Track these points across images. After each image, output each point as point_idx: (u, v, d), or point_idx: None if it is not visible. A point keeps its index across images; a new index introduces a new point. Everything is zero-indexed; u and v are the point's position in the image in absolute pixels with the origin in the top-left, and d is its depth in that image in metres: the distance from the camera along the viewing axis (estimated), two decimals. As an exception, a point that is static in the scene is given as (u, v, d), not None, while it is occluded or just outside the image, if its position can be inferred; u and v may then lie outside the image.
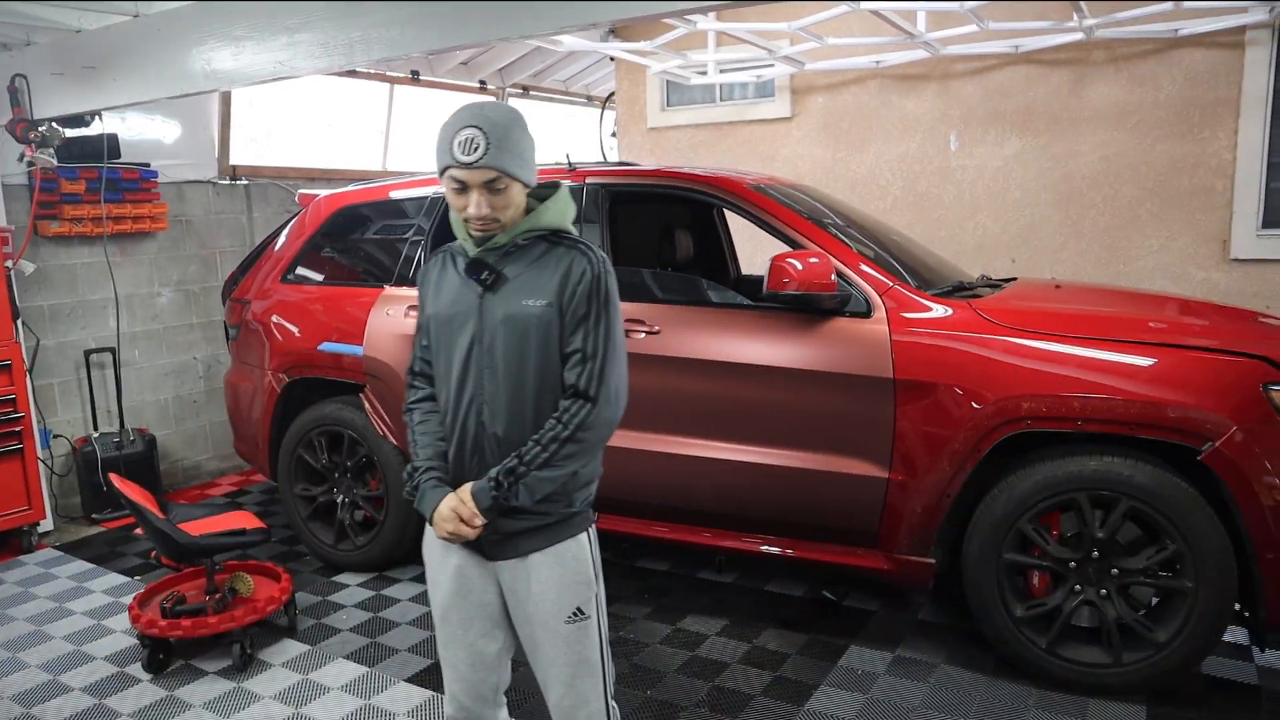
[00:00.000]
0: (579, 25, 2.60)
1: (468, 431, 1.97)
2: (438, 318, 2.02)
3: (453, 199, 1.93)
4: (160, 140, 5.75)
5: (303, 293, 4.40)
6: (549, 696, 2.07)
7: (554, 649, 2.00)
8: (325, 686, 3.30)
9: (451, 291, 2.01)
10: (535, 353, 1.93)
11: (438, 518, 1.95)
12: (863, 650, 3.44)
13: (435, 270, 2.08)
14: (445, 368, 2.01)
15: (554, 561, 1.99)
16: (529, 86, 8.28)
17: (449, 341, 2.00)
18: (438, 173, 1.93)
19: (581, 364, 1.92)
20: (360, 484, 4.29)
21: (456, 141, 1.85)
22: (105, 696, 3.28)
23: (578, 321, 1.93)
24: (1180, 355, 2.93)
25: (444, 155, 1.88)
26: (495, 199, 1.89)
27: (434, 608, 2.11)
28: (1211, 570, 2.86)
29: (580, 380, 1.92)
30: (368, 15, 2.85)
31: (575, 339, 1.93)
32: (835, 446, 3.27)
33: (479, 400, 1.96)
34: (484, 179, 1.86)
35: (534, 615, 2.00)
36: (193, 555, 3.51)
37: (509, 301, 1.94)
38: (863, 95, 6.10)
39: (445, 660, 2.13)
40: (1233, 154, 5.08)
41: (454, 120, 1.89)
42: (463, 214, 1.92)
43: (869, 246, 3.65)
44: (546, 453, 1.90)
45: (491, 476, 1.91)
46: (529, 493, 1.90)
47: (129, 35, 3.58)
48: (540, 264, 1.95)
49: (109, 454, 5.19)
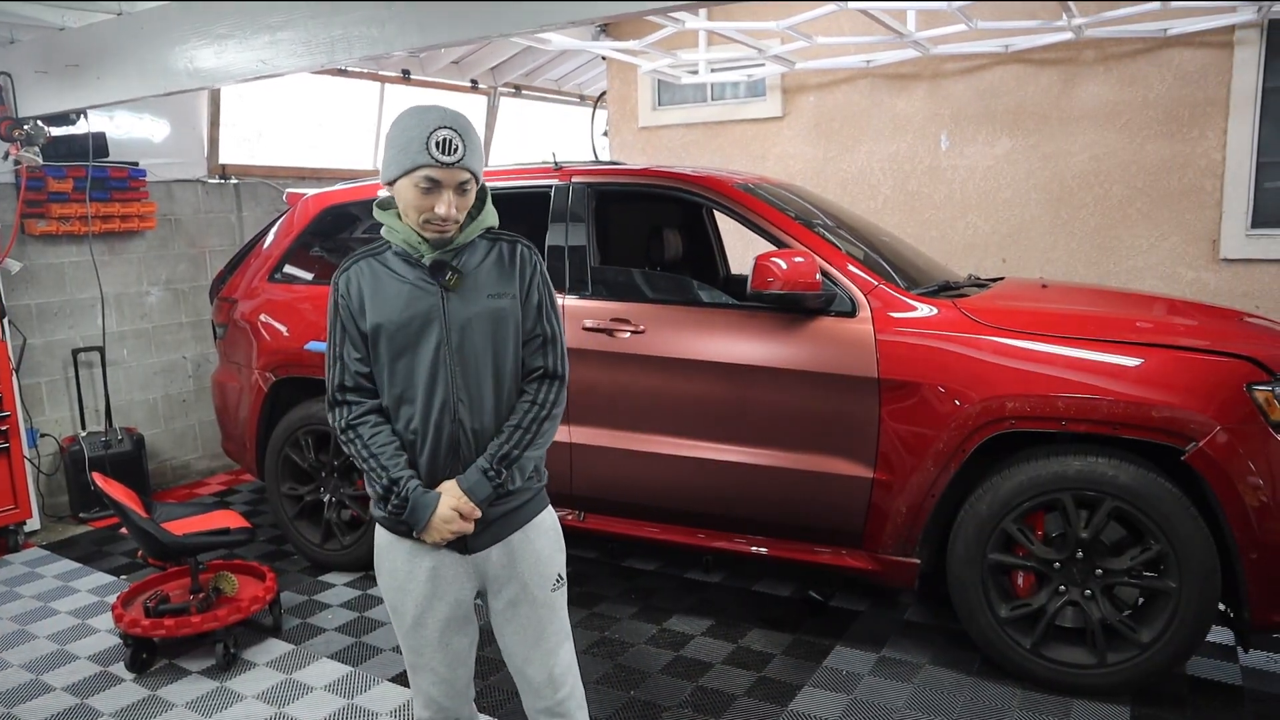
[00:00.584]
0: (560, 24, 2.59)
1: (443, 432, 1.96)
2: (388, 326, 1.94)
3: (416, 199, 1.88)
4: (149, 139, 5.73)
5: (290, 292, 4.39)
6: (529, 671, 2.08)
7: (541, 619, 2.06)
8: (308, 686, 3.29)
9: (399, 297, 1.94)
10: (506, 345, 1.99)
11: (439, 521, 1.93)
12: (848, 651, 3.43)
13: (364, 280, 1.97)
14: (407, 374, 1.96)
15: (537, 535, 2.07)
16: (521, 86, 8.27)
17: (408, 347, 1.95)
18: (396, 174, 1.88)
19: (546, 347, 2.04)
20: (347, 483, 4.27)
21: (434, 141, 1.84)
22: (87, 696, 3.27)
23: (536, 308, 2.03)
24: (1164, 355, 2.93)
25: (416, 155, 1.85)
26: (462, 200, 1.92)
27: (402, 616, 2.05)
28: (1195, 570, 2.86)
29: (549, 362, 2.04)
30: (349, 13, 2.84)
31: (537, 325, 2.03)
32: (820, 446, 3.26)
33: (453, 399, 1.95)
34: (459, 180, 1.89)
35: (520, 592, 2.04)
36: (176, 554, 3.50)
37: (474, 299, 1.96)
38: (853, 95, 6.09)
39: (418, 666, 2.09)
40: (1222, 154, 5.08)
41: (420, 121, 1.86)
42: (426, 214, 1.89)
43: (856, 246, 3.64)
44: (530, 434, 1.99)
45: (484, 467, 1.94)
46: (520, 475, 2.00)
47: (112, 33, 3.57)
48: (492, 260, 2.01)
49: (96, 453, 5.17)
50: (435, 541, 1.96)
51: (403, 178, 1.89)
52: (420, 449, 1.98)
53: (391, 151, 1.89)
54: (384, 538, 2.06)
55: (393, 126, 1.91)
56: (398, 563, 2.04)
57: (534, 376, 2.03)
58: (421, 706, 2.14)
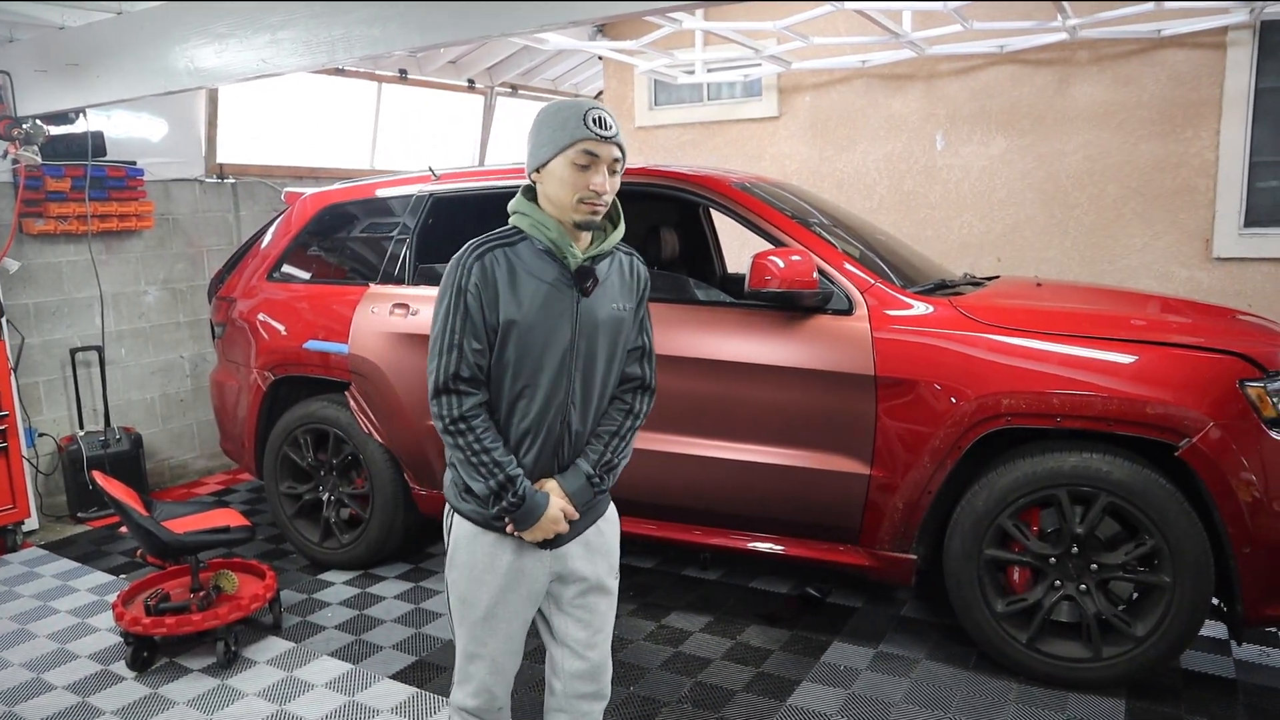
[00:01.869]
0: (559, 24, 2.61)
1: (553, 432, 2.00)
2: (523, 324, 1.93)
3: (573, 176, 1.90)
4: (147, 138, 5.74)
5: (288, 291, 4.40)
6: (591, 655, 2.13)
7: (606, 607, 2.17)
8: (309, 683, 3.31)
9: (536, 296, 1.94)
10: (618, 353, 2.07)
11: (547, 521, 1.97)
12: (845, 646, 3.46)
13: (499, 273, 1.93)
14: (532, 372, 1.96)
15: (608, 527, 2.18)
16: (517, 85, 8.28)
17: (536, 345, 1.95)
18: (552, 153, 1.91)
19: (644, 359, 2.15)
20: (346, 482, 4.29)
21: (591, 118, 1.90)
22: (89, 694, 3.28)
23: (640, 322, 2.13)
24: (1157, 352, 2.95)
25: (575, 130, 1.89)
26: (612, 180, 1.95)
27: (473, 606, 2.06)
28: (1189, 565, 2.88)
29: (646, 373, 2.15)
30: (350, 13, 2.86)
31: (639, 336, 2.13)
32: (817, 443, 3.29)
33: (568, 401, 2.00)
34: (613, 155, 1.94)
35: (594, 583, 2.12)
36: (177, 553, 3.51)
37: (602, 307, 2.01)
38: (849, 95, 6.12)
39: (481, 655, 2.09)
40: (1215, 154, 5.12)
41: (574, 105, 1.93)
42: (582, 191, 1.91)
43: (853, 245, 3.66)
44: (625, 443, 2.10)
45: (589, 473, 2.03)
46: (614, 479, 2.11)
47: (112, 32, 3.58)
48: (616, 271, 2.07)
49: (95, 453, 5.17)
50: (535, 539, 2.00)
51: (558, 156, 1.91)
52: (528, 447, 2.00)
53: (546, 132, 1.93)
54: (466, 530, 2.06)
55: (541, 116, 1.97)
56: (478, 555, 2.04)
57: (631, 386, 2.12)
58: (471, 695, 2.12)
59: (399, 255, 4.13)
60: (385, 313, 4.00)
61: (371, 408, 4.04)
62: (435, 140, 8.02)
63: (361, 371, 4.03)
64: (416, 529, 4.30)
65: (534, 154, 1.97)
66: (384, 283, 4.12)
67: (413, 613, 3.85)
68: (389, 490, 4.11)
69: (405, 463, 4.06)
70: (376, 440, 4.06)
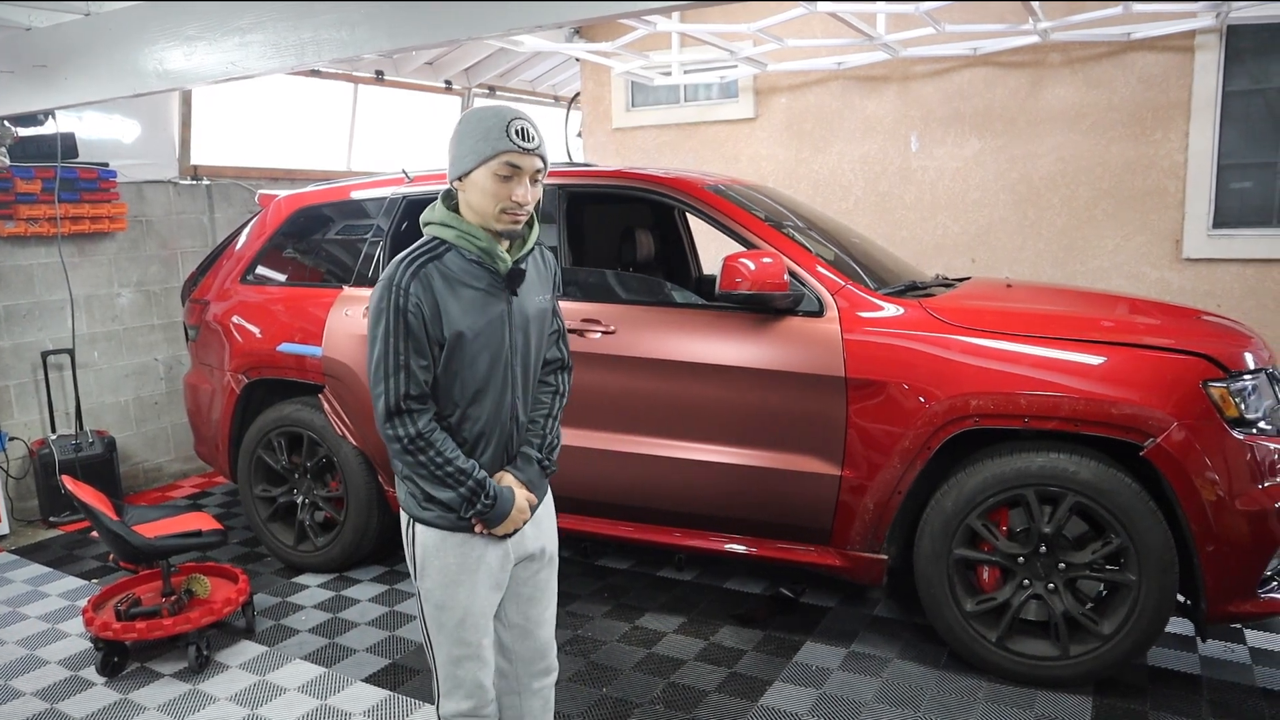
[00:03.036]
0: (530, 27, 2.61)
1: (505, 429, 2.08)
2: (469, 333, 1.96)
3: (495, 186, 1.93)
4: (119, 139, 5.70)
5: (263, 293, 4.38)
6: (540, 633, 2.24)
7: (553, 579, 2.27)
8: (282, 688, 3.29)
9: (474, 304, 1.97)
10: (543, 341, 2.18)
11: (516, 513, 2.05)
12: (818, 646, 3.48)
13: (436, 287, 1.94)
14: (482, 377, 2.00)
15: (550, 503, 2.26)
16: (495, 86, 8.27)
17: (482, 352, 1.99)
18: (475, 163, 1.92)
19: (561, 340, 2.27)
20: (320, 485, 4.28)
21: (514, 129, 1.92)
22: (58, 701, 3.26)
23: (554, 305, 2.22)
24: (1124, 353, 2.99)
25: (497, 141, 1.90)
26: (534, 190, 1.99)
27: (451, 611, 2.06)
28: (1154, 564, 2.92)
29: (564, 354, 2.27)
30: (319, 16, 2.85)
31: (554, 320, 2.23)
32: (788, 444, 3.31)
33: (513, 398, 2.08)
34: (535, 167, 1.97)
35: (541, 557, 2.21)
36: (147, 557, 3.48)
37: (530, 302, 2.09)
38: (825, 96, 6.15)
39: (465, 657, 2.09)
40: (1184, 156, 5.18)
41: (496, 114, 1.94)
42: (504, 202, 1.94)
43: (826, 247, 3.69)
44: (558, 421, 2.21)
45: (538, 458, 2.13)
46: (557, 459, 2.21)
47: (80, 34, 3.55)
48: (533, 265, 2.13)
49: (66, 456, 5.13)
50: (505, 533, 2.07)
51: (481, 167, 1.93)
52: (485, 448, 2.06)
53: (468, 143, 1.94)
54: (432, 537, 2.05)
55: (463, 123, 1.97)
56: (449, 559, 2.05)
57: (554, 367, 2.24)
58: (463, 697, 2.11)
59: (373, 257, 4.12)
60: (359, 315, 3.99)
61: (346, 410, 4.03)
62: (412, 141, 7.99)
63: (335, 374, 4.02)
64: (391, 531, 4.29)
65: (456, 162, 1.97)
66: (358, 285, 4.11)
67: (387, 615, 3.85)
68: (363, 493, 4.10)
69: (379, 465, 4.05)
70: (351, 443, 4.05)
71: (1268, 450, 2.93)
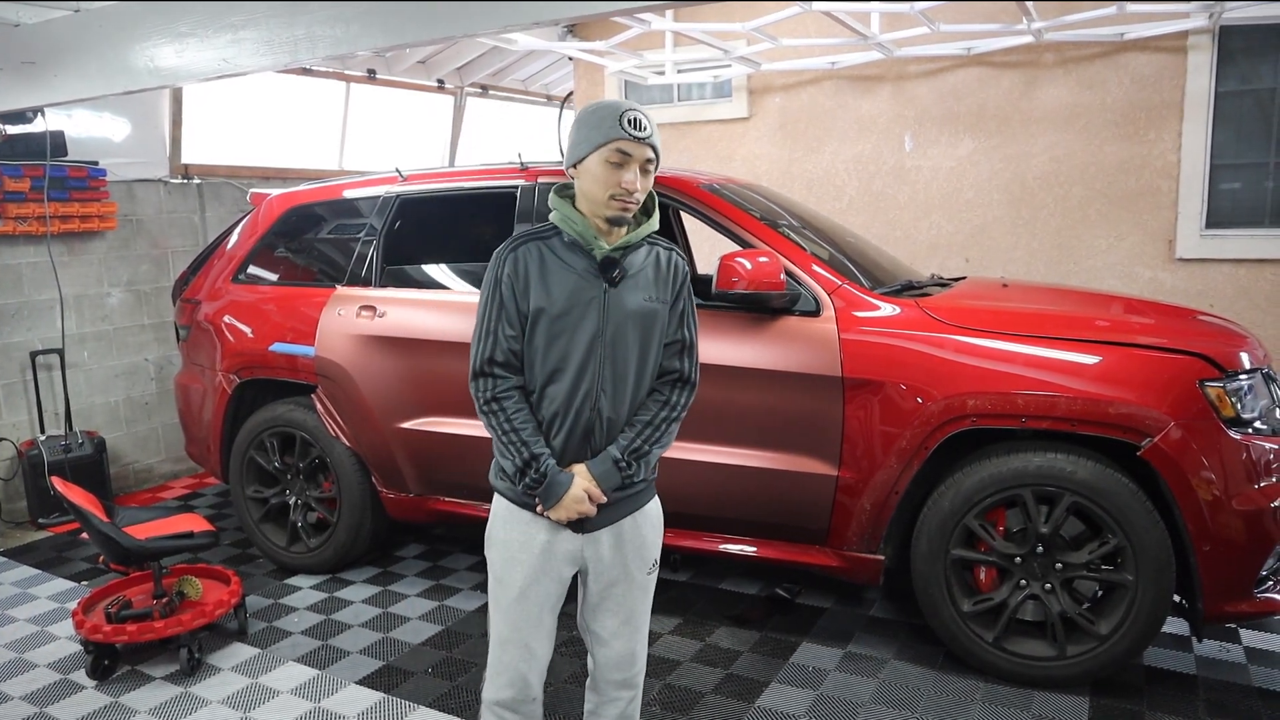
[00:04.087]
0: (524, 24, 2.60)
1: (581, 417, 2.07)
2: (550, 311, 2.04)
3: (606, 173, 1.99)
4: (109, 138, 5.65)
5: (254, 293, 4.35)
6: (615, 645, 2.22)
7: (634, 600, 2.21)
8: (274, 690, 3.27)
9: (565, 285, 2.04)
10: (651, 345, 2.12)
11: (570, 500, 2.04)
12: (814, 647, 3.47)
13: (531, 263, 2.06)
14: (560, 358, 2.05)
15: (643, 521, 2.21)
16: (488, 86, 8.24)
17: (564, 333, 2.04)
18: (588, 150, 2.00)
19: (684, 352, 2.19)
20: (313, 485, 4.25)
21: (626, 119, 1.98)
22: (47, 705, 3.22)
23: (680, 315, 2.17)
24: (1120, 353, 2.99)
25: (609, 129, 1.98)
26: (644, 180, 2.04)
27: (508, 587, 2.14)
28: (1151, 563, 2.92)
29: (685, 366, 2.19)
30: (312, 13, 2.83)
31: (679, 330, 2.17)
32: (785, 445, 3.29)
33: (597, 388, 2.06)
34: (646, 156, 2.02)
35: (620, 574, 2.17)
36: (138, 559, 3.45)
37: (632, 298, 2.08)
38: (819, 96, 6.15)
39: (512, 642, 2.15)
40: (1177, 156, 5.19)
41: (612, 105, 2.02)
42: (614, 188, 1.99)
43: (821, 246, 3.68)
44: (659, 432, 2.13)
45: (616, 458, 2.07)
46: (645, 468, 2.14)
47: (70, 30, 3.51)
48: (651, 264, 2.13)
49: (56, 457, 5.09)
50: (560, 519, 2.07)
51: (594, 153, 2.00)
52: (557, 430, 2.08)
53: (583, 131, 2.02)
54: (502, 507, 2.15)
55: (581, 114, 2.06)
56: (513, 534, 2.13)
57: (669, 379, 2.18)
58: (505, 685, 2.17)
59: (366, 257, 4.09)
60: (352, 315, 3.97)
61: (339, 410, 4.00)
62: (405, 140, 7.96)
63: (328, 374, 3.99)
64: (384, 532, 4.27)
65: (572, 150, 2.06)
66: (351, 284, 4.08)
67: (380, 617, 3.82)
68: (356, 494, 4.07)
69: (373, 466, 4.02)
70: (343, 443, 4.03)
71: (1263, 450, 2.94)
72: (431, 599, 3.99)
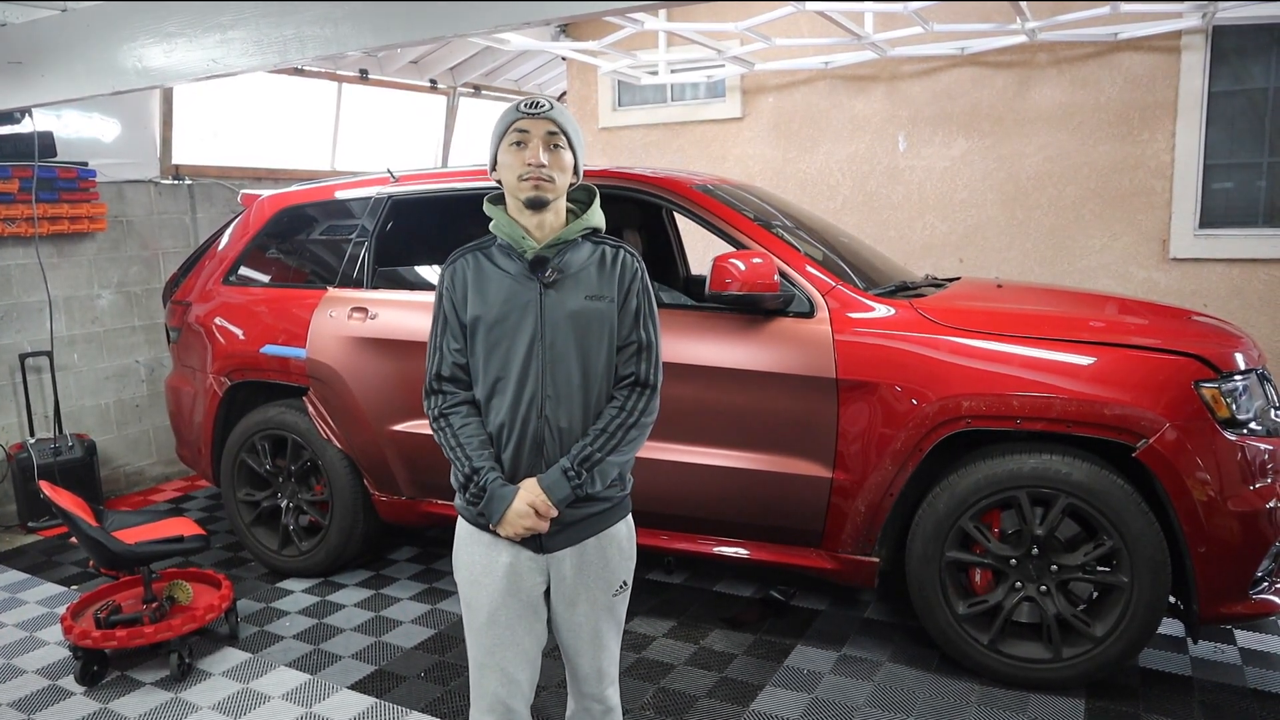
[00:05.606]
0: (514, 24, 2.57)
1: (529, 427, 1.99)
2: (486, 318, 1.99)
3: (511, 158, 1.97)
4: (99, 138, 5.61)
5: (246, 294, 4.32)
6: (580, 662, 2.14)
7: (598, 619, 2.11)
8: (265, 695, 3.24)
9: (500, 291, 2.00)
10: (599, 346, 2.01)
11: (513, 515, 1.95)
12: (809, 650, 3.45)
13: (469, 273, 2.03)
14: (500, 366, 1.99)
15: (609, 543, 2.09)
16: (480, 86, 8.21)
17: (503, 340, 1.99)
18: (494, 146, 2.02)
19: (640, 355, 2.05)
20: (305, 488, 4.22)
21: (521, 103, 1.99)
22: (35, 711, 3.19)
23: (633, 315, 2.05)
24: (1115, 354, 2.98)
25: (507, 118, 2.00)
26: (555, 157, 1.98)
27: (476, 611, 2.06)
28: (1146, 565, 2.91)
29: (642, 369, 2.05)
30: (301, 13, 2.80)
31: (633, 332, 2.05)
32: (779, 446, 3.27)
33: (541, 396, 1.98)
34: (546, 129, 1.98)
35: (584, 595, 2.08)
36: (128, 563, 3.42)
37: (572, 298, 1.99)
38: (812, 96, 6.14)
39: (490, 665, 2.06)
40: (1171, 155, 5.19)
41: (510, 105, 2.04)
42: (520, 169, 1.96)
43: (815, 247, 3.66)
44: (614, 440, 2.00)
45: (566, 468, 1.96)
46: (601, 479, 2.00)
47: (57, 30, 3.48)
48: (594, 262, 2.04)
49: (45, 460, 5.05)
50: (509, 535, 1.99)
51: (500, 146, 2.01)
52: (506, 443, 2.01)
53: (492, 133, 2.03)
54: (464, 530, 2.10)
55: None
56: (475, 555, 2.06)
57: (625, 383, 2.05)
58: (485, 711, 2.09)
59: (358, 258, 4.07)
60: (344, 316, 3.94)
61: (330, 413, 3.98)
62: (398, 141, 7.93)
63: (320, 376, 3.96)
64: (377, 535, 4.24)
65: (489, 156, 2.05)
66: (343, 286, 4.06)
67: (373, 621, 3.80)
68: (348, 496, 4.05)
69: (365, 468, 4.00)
70: (335, 446, 4.00)
71: (1259, 451, 2.93)
72: (424, 602, 3.96)
